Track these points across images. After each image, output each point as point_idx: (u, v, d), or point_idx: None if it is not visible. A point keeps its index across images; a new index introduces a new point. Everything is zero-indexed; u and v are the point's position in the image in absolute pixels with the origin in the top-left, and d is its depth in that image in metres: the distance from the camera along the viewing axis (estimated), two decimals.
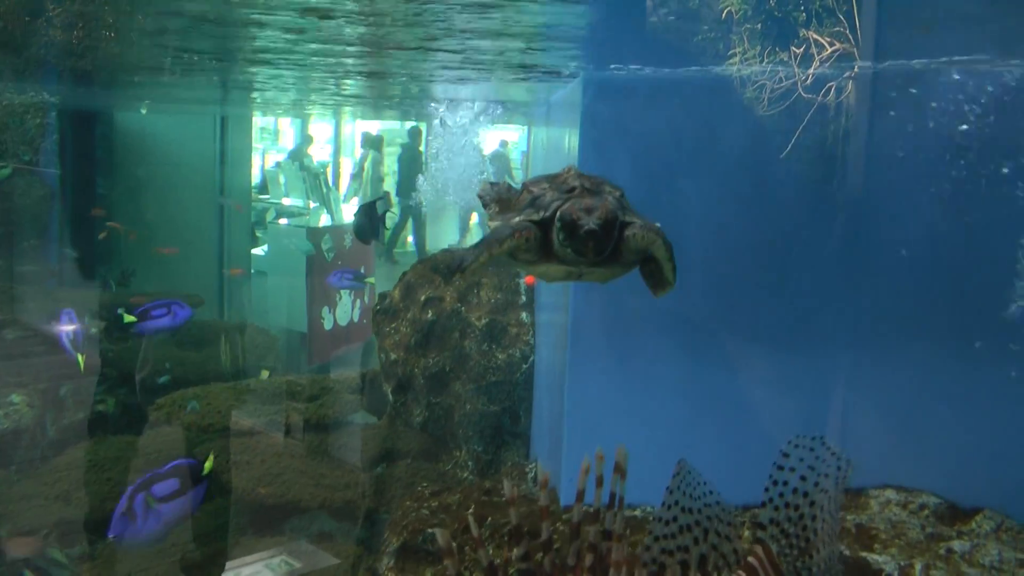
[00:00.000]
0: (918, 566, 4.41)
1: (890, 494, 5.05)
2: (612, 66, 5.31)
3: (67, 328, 8.45)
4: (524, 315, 7.07)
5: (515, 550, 1.98)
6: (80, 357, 8.47)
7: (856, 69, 4.37)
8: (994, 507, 4.99)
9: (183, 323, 8.62)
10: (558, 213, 2.94)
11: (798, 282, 5.13)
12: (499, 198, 3.46)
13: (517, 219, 3.06)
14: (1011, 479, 4.95)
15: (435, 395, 7.22)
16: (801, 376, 5.18)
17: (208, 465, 6.24)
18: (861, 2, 3.87)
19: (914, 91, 4.83)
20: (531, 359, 6.92)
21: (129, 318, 8.75)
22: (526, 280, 7.60)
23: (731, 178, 5.16)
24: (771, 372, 5.23)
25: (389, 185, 15.33)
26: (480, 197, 3.52)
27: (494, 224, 3.26)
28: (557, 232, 2.93)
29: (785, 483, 2.44)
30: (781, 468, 2.45)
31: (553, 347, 6.20)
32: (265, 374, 9.67)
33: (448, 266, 3.24)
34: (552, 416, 5.93)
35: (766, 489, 2.45)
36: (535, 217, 3.02)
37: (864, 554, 4.51)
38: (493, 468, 6.94)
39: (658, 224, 3.14)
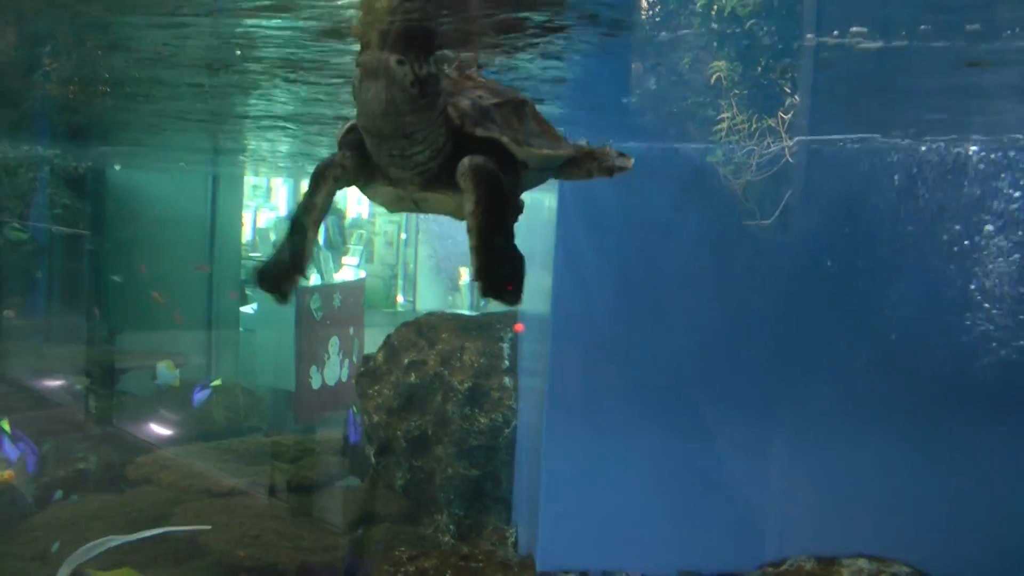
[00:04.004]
0: None
1: (863, 563, 5.06)
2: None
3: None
4: (507, 379, 7.09)
5: None
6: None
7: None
8: None
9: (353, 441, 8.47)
10: None
11: (772, 353, 5.19)
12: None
13: (346, 128, 2.53)
14: (981, 548, 4.97)
15: (417, 458, 7.22)
16: (776, 445, 5.22)
17: None
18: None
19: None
20: (513, 423, 6.93)
21: None
22: (515, 328, 7.63)
23: (707, 247, 5.25)
24: (746, 441, 5.27)
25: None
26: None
27: None
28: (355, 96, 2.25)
29: None
30: None
31: (533, 412, 6.23)
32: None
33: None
34: (532, 481, 5.95)
35: None
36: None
37: None
38: (474, 532, 6.90)
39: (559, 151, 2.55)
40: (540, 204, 6.50)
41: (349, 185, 2.52)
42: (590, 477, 5.40)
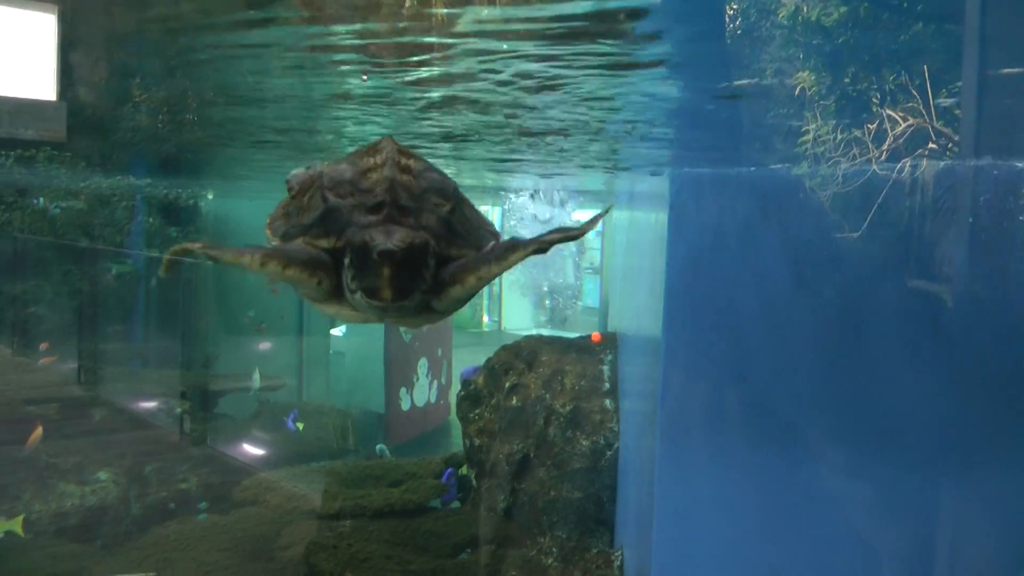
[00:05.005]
0: None
1: None
2: (692, 167, 5.47)
3: None
4: (608, 402, 7.12)
5: None
6: None
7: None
8: None
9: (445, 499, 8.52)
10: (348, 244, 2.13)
11: (897, 373, 5.10)
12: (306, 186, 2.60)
13: (300, 241, 2.28)
14: None
15: (519, 481, 7.28)
16: (895, 472, 5.12)
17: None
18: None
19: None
20: (616, 446, 6.95)
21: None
22: (592, 338, 7.65)
23: (824, 262, 5.18)
24: (865, 466, 5.19)
25: None
26: (288, 186, 2.72)
27: (274, 221, 2.49)
28: (347, 269, 2.13)
29: None
30: None
31: (640, 435, 6.23)
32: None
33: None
34: (639, 504, 5.94)
35: None
36: (325, 244, 2.20)
37: None
38: (577, 555, 6.93)
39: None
40: (645, 223, 6.52)
41: (317, 292, 2.26)
42: (705, 501, 5.37)
